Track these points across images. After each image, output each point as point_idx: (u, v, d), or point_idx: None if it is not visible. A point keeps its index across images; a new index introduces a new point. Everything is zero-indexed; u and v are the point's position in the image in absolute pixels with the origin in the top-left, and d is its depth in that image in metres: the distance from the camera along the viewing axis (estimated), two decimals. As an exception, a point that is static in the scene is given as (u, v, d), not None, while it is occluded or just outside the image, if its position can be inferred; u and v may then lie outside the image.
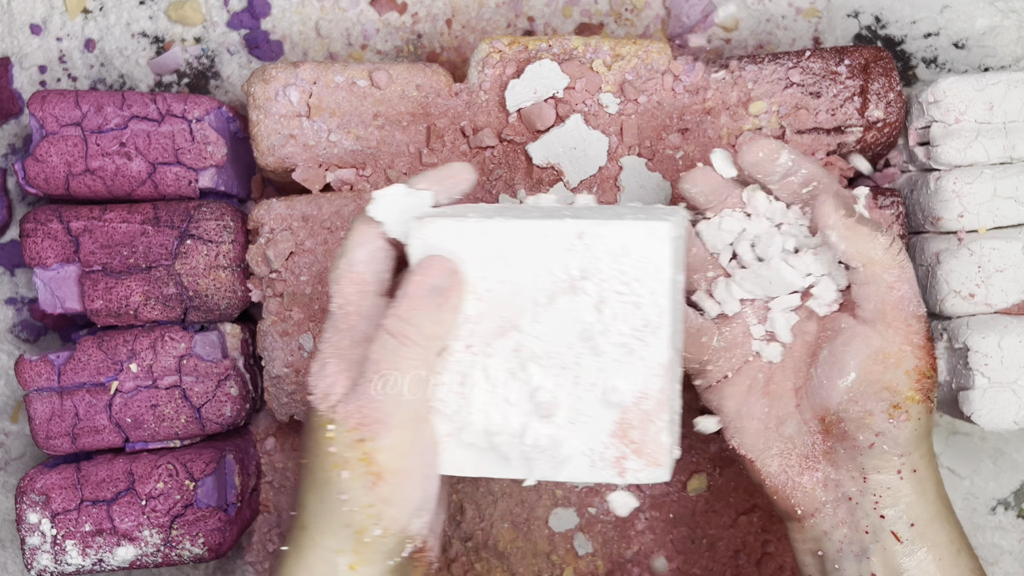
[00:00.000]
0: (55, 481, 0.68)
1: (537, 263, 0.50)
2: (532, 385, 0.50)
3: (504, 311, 0.50)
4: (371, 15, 0.79)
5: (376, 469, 0.49)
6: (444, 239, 0.50)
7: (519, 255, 0.50)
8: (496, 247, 0.50)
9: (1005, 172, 0.68)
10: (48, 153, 0.68)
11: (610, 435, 0.51)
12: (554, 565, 0.75)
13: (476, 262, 0.50)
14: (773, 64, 0.69)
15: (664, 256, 0.49)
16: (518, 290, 0.50)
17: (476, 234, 0.50)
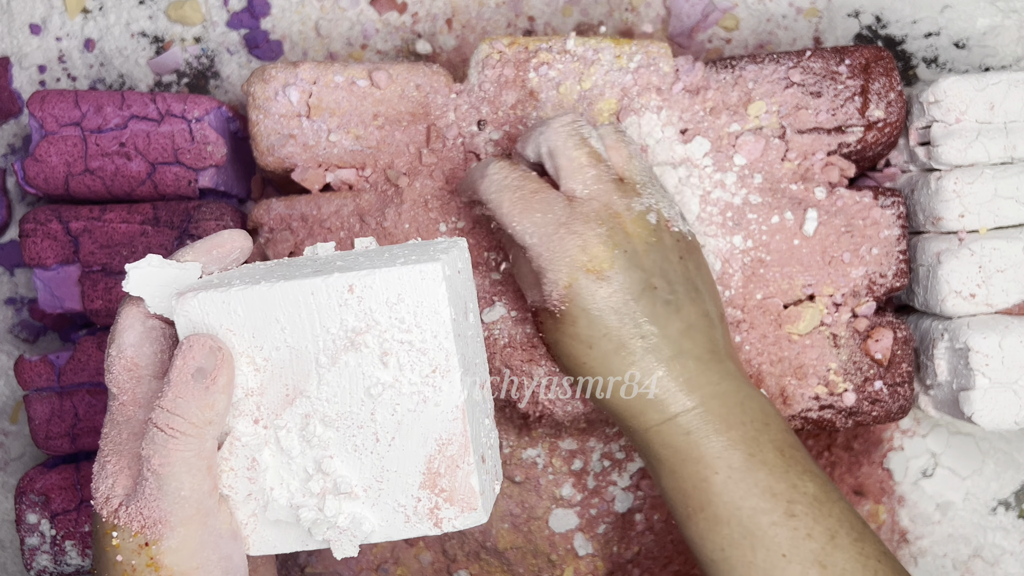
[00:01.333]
0: (54, 481, 0.68)
1: (312, 323, 0.48)
2: (327, 453, 0.49)
3: (287, 378, 0.48)
4: (371, 15, 0.79)
5: (167, 573, 0.46)
6: (209, 313, 0.48)
7: (292, 318, 0.48)
8: (266, 313, 0.48)
9: (1006, 172, 0.68)
10: (47, 153, 0.68)
11: (419, 487, 0.49)
12: (554, 565, 0.75)
13: (248, 332, 0.48)
14: (773, 64, 0.69)
15: (440, 297, 0.47)
16: (298, 354, 0.48)
17: (242, 303, 0.47)
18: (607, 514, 0.74)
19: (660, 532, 0.75)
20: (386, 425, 0.49)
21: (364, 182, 0.70)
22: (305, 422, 0.49)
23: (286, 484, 0.49)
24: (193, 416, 0.46)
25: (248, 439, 0.49)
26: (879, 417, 0.70)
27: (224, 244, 0.51)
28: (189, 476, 0.46)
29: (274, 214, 0.69)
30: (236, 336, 0.48)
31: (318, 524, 0.49)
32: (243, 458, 0.49)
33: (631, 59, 0.68)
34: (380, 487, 0.49)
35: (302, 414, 0.49)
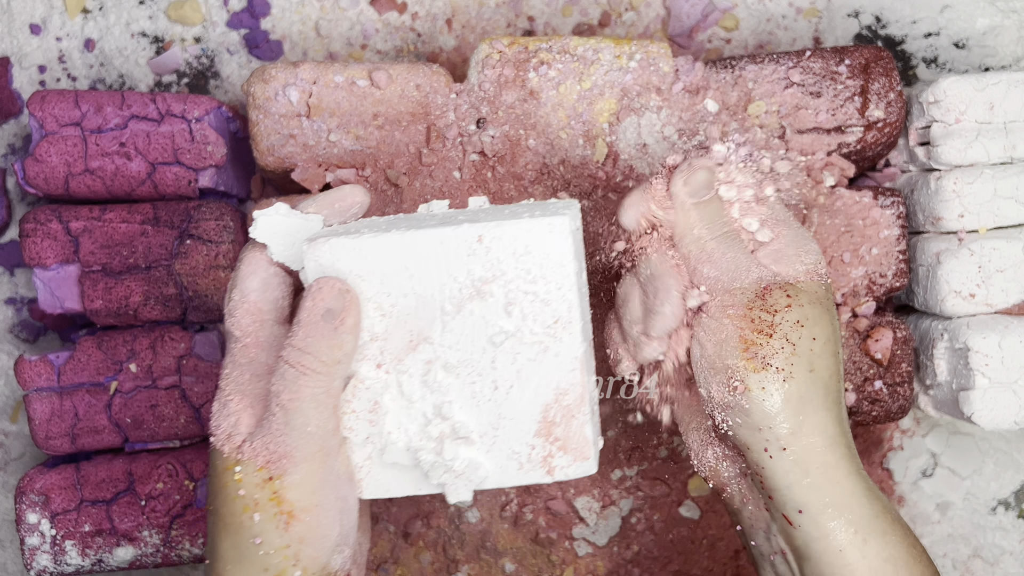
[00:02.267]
0: (55, 481, 0.68)
1: (440, 272, 0.49)
2: (447, 399, 0.50)
3: (412, 325, 0.50)
4: (371, 15, 0.79)
5: (288, 508, 0.47)
6: (339, 259, 0.49)
7: (420, 266, 0.49)
8: (395, 261, 0.49)
9: (1005, 172, 0.68)
10: (48, 153, 0.68)
11: (534, 435, 0.50)
12: (554, 565, 0.75)
13: (376, 278, 0.49)
14: (773, 64, 0.69)
15: (566, 250, 0.49)
16: (424, 302, 0.49)
17: (372, 250, 0.49)
18: (608, 515, 0.74)
19: (660, 532, 0.75)
20: (505, 373, 0.50)
21: (364, 182, 0.70)
22: (427, 368, 0.50)
23: (404, 428, 0.50)
24: (323, 355, 0.47)
25: (371, 383, 0.50)
26: (879, 417, 0.70)
27: (346, 198, 0.53)
28: (316, 413, 0.47)
29: (274, 214, 0.69)
30: (364, 282, 0.49)
31: (435, 468, 0.50)
32: (365, 401, 0.50)
33: (631, 59, 0.68)
34: (496, 434, 0.50)
35: (424, 360, 0.50)
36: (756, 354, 0.52)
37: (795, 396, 0.52)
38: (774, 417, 0.51)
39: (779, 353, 0.52)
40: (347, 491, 0.50)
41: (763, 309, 0.52)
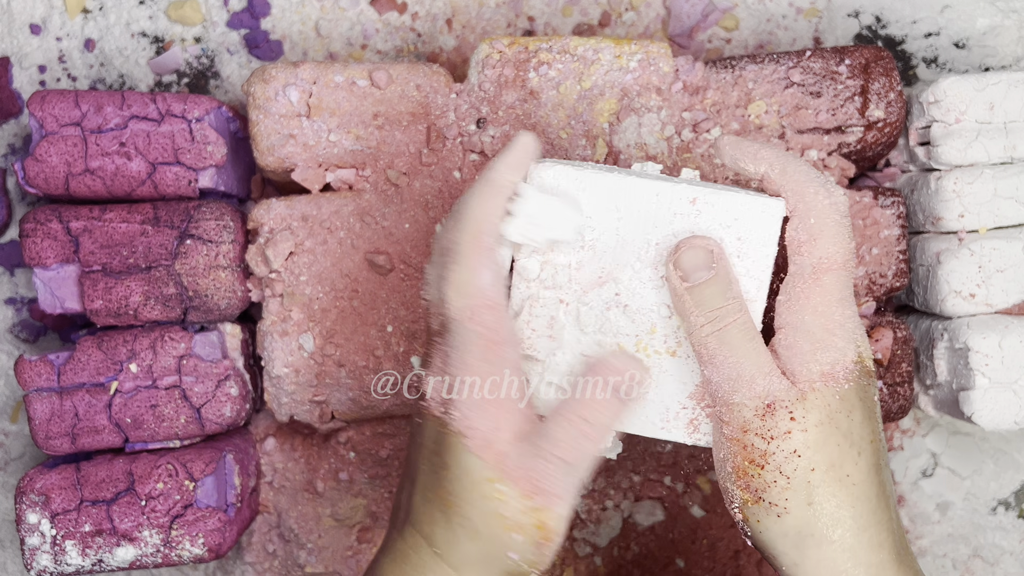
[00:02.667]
0: (55, 481, 0.68)
1: (646, 221, 0.51)
2: (615, 340, 0.52)
3: (606, 262, 0.52)
4: (371, 15, 0.79)
5: (547, 535, 0.49)
6: (560, 184, 0.51)
7: (630, 211, 0.51)
8: (609, 200, 0.51)
9: (1006, 172, 0.68)
10: (48, 153, 0.68)
11: (687, 396, 0.52)
12: (554, 565, 0.75)
13: (588, 210, 0.51)
14: (773, 64, 0.69)
15: (773, 233, 0.50)
16: (623, 244, 0.51)
17: (592, 184, 0.51)
18: (608, 515, 0.74)
19: (660, 532, 0.75)
20: (677, 333, 0.52)
21: (364, 182, 0.70)
22: (607, 305, 0.52)
23: (573, 352, 0.52)
24: (609, 425, 0.50)
25: (545, 304, 0.52)
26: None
27: (526, 148, 0.52)
28: (590, 466, 0.50)
29: (274, 214, 0.69)
30: (574, 210, 0.51)
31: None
32: (544, 319, 0.52)
33: (631, 59, 0.68)
34: (652, 385, 0.52)
35: (606, 297, 0.52)
36: (748, 485, 0.49)
37: (792, 531, 0.49)
38: (774, 548, 0.50)
39: (771, 487, 0.48)
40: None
41: (759, 434, 0.48)
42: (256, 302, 0.72)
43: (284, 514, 0.76)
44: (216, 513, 0.69)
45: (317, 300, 0.69)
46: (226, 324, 0.71)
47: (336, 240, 0.69)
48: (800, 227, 0.50)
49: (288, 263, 0.69)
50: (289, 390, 0.70)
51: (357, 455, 0.75)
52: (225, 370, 0.69)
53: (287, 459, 0.76)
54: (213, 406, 0.69)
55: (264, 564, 0.77)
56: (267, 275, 0.69)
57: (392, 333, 0.69)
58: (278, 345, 0.69)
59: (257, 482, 0.76)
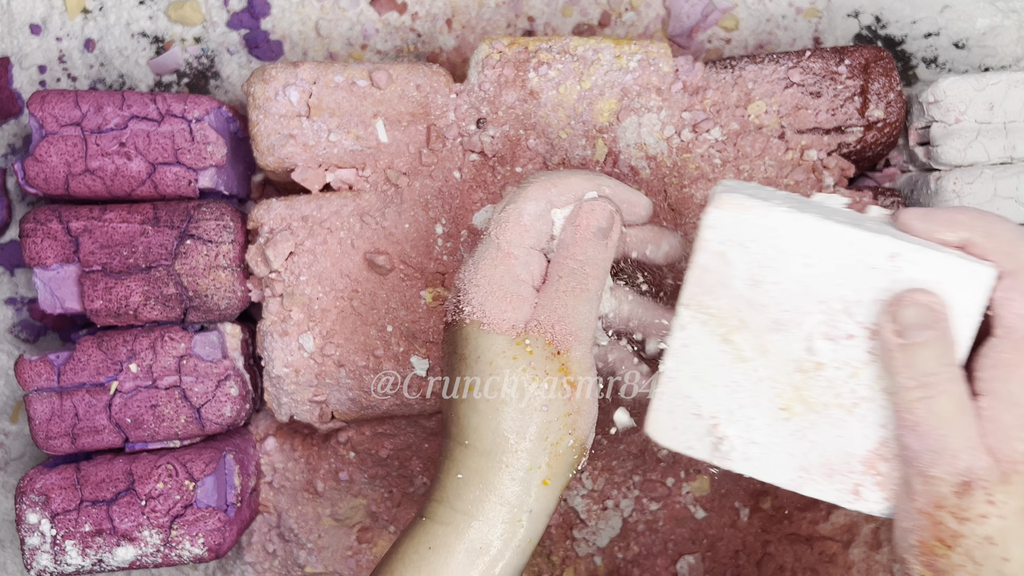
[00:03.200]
0: (55, 481, 0.68)
1: (838, 271, 0.47)
2: (781, 392, 0.49)
3: (782, 308, 0.49)
4: (371, 15, 0.79)
5: (572, 379, 0.51)
6: (743, 217, 0.49)
7: (819, 258, 0.48)
8: (796, 243, 0.48)
9: (1005, 172, 0.68)
10: (48, 153, 0.68)
11: (859, 460, 0.49)
12: (554, 565, 0.75)
13: (766, 249, 0.48)
14: (773, 64, 0.69)
15: (979, 300, 0.46)
16: (806, 293, 0.48)
17: (779, 223, 0.48)
18: (608, 515, 0.74)
19: (660, 533, 0.75)
20: (859, 390, 0.48)
21: (364, 182, 0.70)
22: (780, 357, 0.49)
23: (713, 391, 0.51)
24: (596, 266, 0.53)
25: (699, 339, 0.51)
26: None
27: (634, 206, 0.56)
28: (593, 308, 0.53)
29: (274, 214, 0.69)
30: (748, 250, 0.49)
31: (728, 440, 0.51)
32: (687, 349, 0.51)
33: (631, 59, 0.68)
34: (817, 437, 0.49)
35: (782, 348, 0.49)
36: (933, 563, 0.46)
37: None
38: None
39: (957, 570, 0.45)
40: (597, 383, 0.54)
41: (952, 512, 0.45)
42: (256, 302, 0.72)
43: (284, 514, 0.76)
44: (216, 513, 0.69)
45: (317, 300, 0.69)
46: (226, 324, 0.71)
47: (336, 240, 0.69)
48: (1012, 288, 0.46)
49: (288, 263, 0.69)
50: (289, 390, 0.70)
51: (357, 455, 0.75)
52: (225, 370, 0.69)
53: (287, 459, 0.76)
54: (213, 406, 0.69)
55: (264, 564, 0.77)
56: (267, 275, 0.69)
57: (392, 333, 0.69)
58: (278, 345, 0.69)
59: (257, 482, 0.76)
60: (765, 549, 0.75)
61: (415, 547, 0.51)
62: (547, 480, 0.51)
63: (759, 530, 0.75)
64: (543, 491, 0.51)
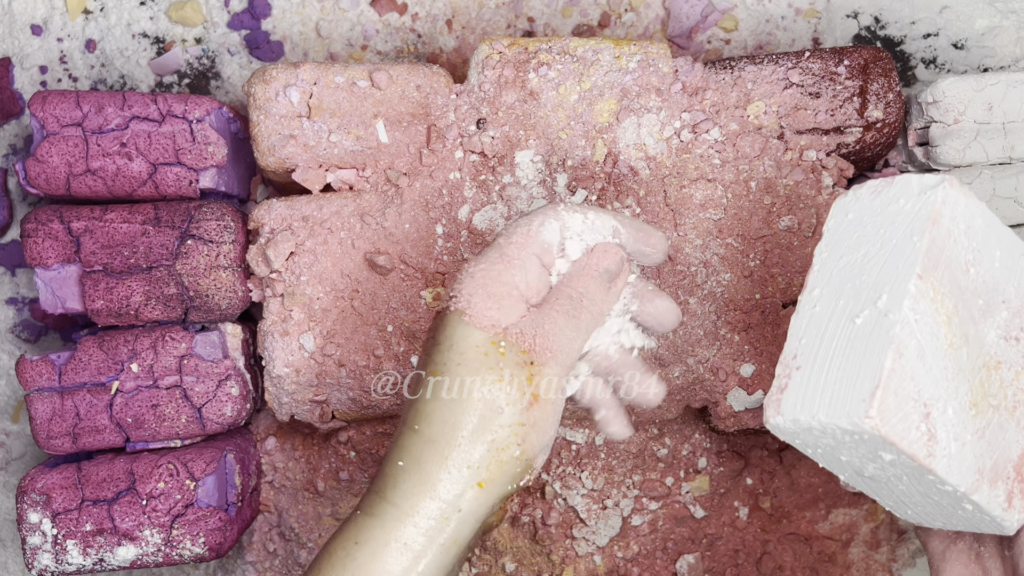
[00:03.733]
0: (56, 481, 0.69)
1: (1021, 273, 0.50)
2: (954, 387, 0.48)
3: (982, 300, 0.49)
4: (371, 16, 0.79)
5: (536, 392, 0.51)
6: (969, 210, 0.50)
7: (1012, 258, 0.50)
8: (998, 240, 0.50)
9: (1004, 172, 0.68)
10: (49, 153, 0.69)
11: (1013, 466, 0.48)
12: (554, 564, 0.75)
13: (980, 244, 0.50)
14: (772, 65, 0.69)
15: None
16: (997, 289, 0.49)
17: (989, 219, 0.50)
18: (608, 515, 0.75)
19: (660, 532, 0.75)
20: (1020, 395, 0.49)
21: (364, 182, 0.70)
22: (976, 345, 0.49)
23: (934, 375, 0.48)
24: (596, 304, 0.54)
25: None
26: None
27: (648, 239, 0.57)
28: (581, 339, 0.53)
29: (275, 214, 0.69)
30: (967, 236, 0.49)
31: (936, 433, 0.48)
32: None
33: (630, 60, 0.68)
34: (991, 443, 0.48)
35: (977, 338, 0.49)
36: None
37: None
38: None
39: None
40: (560, 409, 0.54)
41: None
42: (257, 302, 0.72)
43: (285, 513, 0.76)
44: (217, 512, 0.69)
45: (317, 300, 0.69)
46: (227, 324, 0.72)
47: (336, 240, 0.69)
48: None
49: (288, 263, 0.69)
50: (290, 390, 0.70)
51: (357, 455, 0.75)
52: (226, 370, 0.70)
53: (288, 459, 0.76)
54: (214, 406, 0.69)
55: (265, 563, 0.77)
56: (268, 275, 0.69)
57: (392, 333, 0.69)
58: (279, 345, 0.69)
59: (258, 481, 0.76)
60: (764, 548, 0.75)
61: (343, 543, 0.51)
62: (483, 484, 0.50)
63: (758, 529, 0.75)
64: (477, 493, 0.50)
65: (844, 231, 0.52)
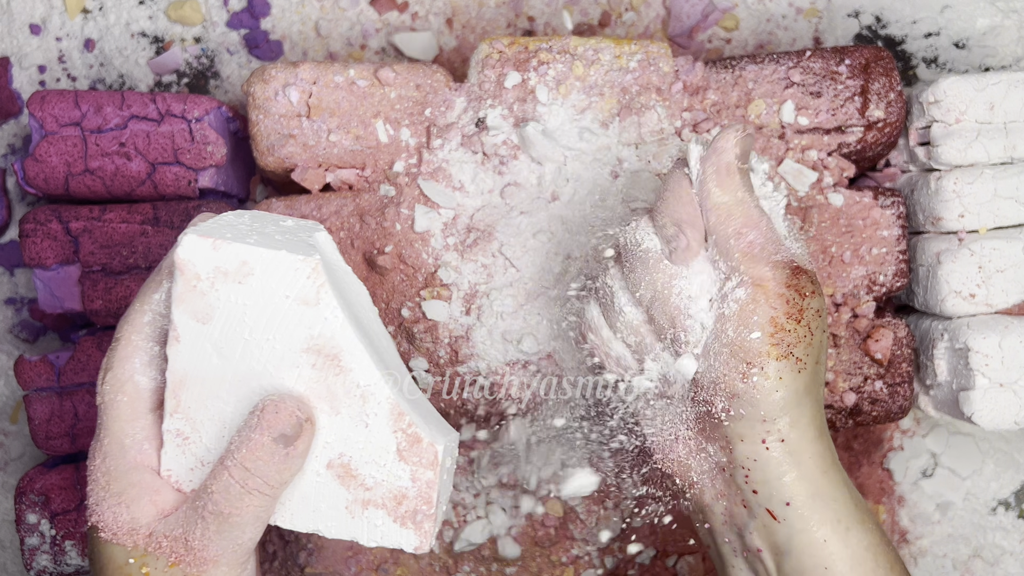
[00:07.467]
0: (54, 481, 0.68)
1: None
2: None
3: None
4: (371, 15, 0.79)
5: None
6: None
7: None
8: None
9: (1006, 172, 0.68)
10: (47, 153, 0.68)
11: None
12: (554, 565, 0.75)
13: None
14: (773, 64, 0.69)
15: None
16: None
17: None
18: (608, 515, 0.74)
19: (660, 533, 0.75)
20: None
21: (364, 182, 0.70)
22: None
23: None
24: (271, 478, 0.46)
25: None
26: (879, 417, 0.70)
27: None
28: (253, 528, 0.46)
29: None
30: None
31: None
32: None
33: (631, 59, 0.68)
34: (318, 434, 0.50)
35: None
36: (782, 340, 0.49)
37: (802, 387, 0.50)
38: (781, 408, 0.49)
39: (801, 342, 0.49)
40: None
41: (796, 290, 0.49)
42: (256, 302, 0.72)
43: (284, 514, 0.76)
44: (216, 513, 0.69)
45: (317, 300, 0.69)
46: (226, 324, 0.71)
47: (336, 240, 0.69)
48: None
49: (288, 263, 0.69)
50: (289, 390, 0.70)
51: (357, 455, 0.75)
52: (225, 370, 0.69)
53: (287, 459, 0.76)
54: (213, 406, 0.69)
55: (264, 564, 0.77)
56: (267, 275, 0.69)
57: (392, 334, 0.69)
58: (278, 345, 0.69)
59: (257, 482, 0.76)
60: (765, 549, 0.75)
61: None
62: None
63: (759, 530, 0.75)
64: None
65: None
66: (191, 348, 0.47)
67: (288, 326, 0.47)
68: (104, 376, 0.48)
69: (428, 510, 0.49)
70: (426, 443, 0.48)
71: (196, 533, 0.45)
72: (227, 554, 0.46)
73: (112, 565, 0.46)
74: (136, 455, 0.47)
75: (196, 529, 0.45)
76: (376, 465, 0.48)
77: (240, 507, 0.45)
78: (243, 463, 0.45)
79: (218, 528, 0.45)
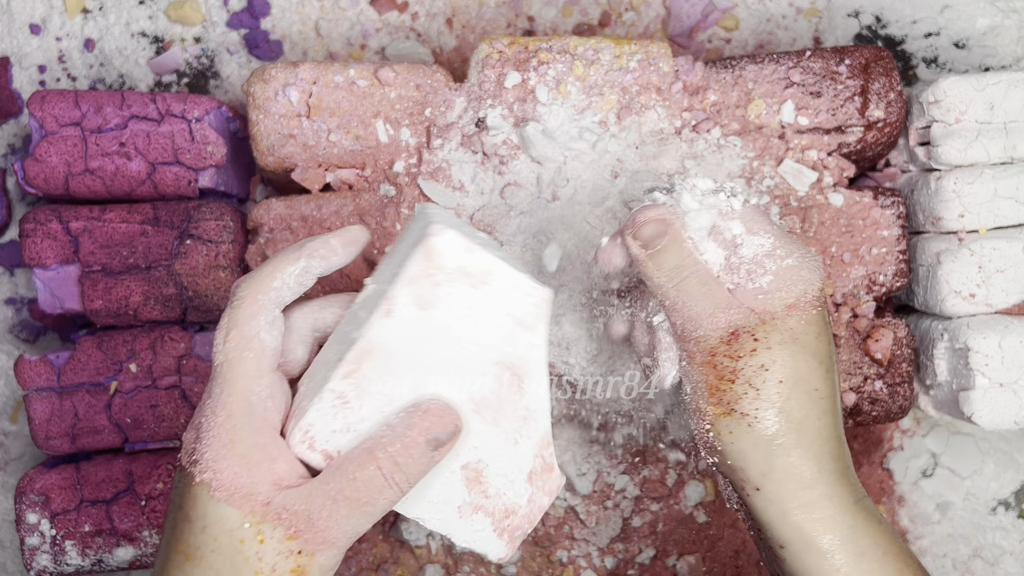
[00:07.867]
0: (54, 481, 0.68)
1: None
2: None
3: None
4: (371, 15, 0.79)
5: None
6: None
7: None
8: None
9: (1006, 172, 0.68)
10: (47, 153, 0.68)
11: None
12: (554, 565, 0.75)
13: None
14: (773, 64, 0.69)
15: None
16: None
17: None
18: (608, 515, 0.74)
19: (660, 533, 0.75)
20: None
21: (364, 182, 0.70)
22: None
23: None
24: (413, 476, 0.47)
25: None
26: (879, 417, 0.70)
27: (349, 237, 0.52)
28: (377, 518, 0.47)
29: (274, 214, 0.69)
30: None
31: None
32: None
33: (631, 59, 0.68)
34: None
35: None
36: (721, 399, 0.52)
37: (763, 440, 0.51)
38: (745, 459, 0.51)
39: (742, 399, 0.51)
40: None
41: (727, 355, 0.52)
42: (256, 302, 0.72)
43: (284, 514, 0.76)
44: (216, 513, 0.69)
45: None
46: (226, 324, 0.71)
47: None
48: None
49: (288, 263, 0.69)
50: (289, 390, 0.70)
51: (357, 455, 0.75)
52: (225, 370, 0.69)
53: (287, 459, 0.76)
54: (213, 406, 0.69)
55: (264, 564, 0.77)
56: (267, 275, 0.69)
57: (392, 333, 0.69)
58: (278, 345, 0.69)
59: (257, 482, 0.76)
60: (765, 549, 0.75)
61: None
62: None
63: (759, 530, 0.75)
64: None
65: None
66: (398, 326, 0.48)
67: (496, 339, 0.49)
68: (228, 333, 0.48)
69: (527, 529, 0.52)
70: (556, 473, 0.52)
71: (323, 514, 0.46)
72: (345, 538, 0.46)
73: (221, 526, 0.45)
74: (263, 412, 0.47)
75: (324, 510, 0.46)
76: (506, 480, 0.51)
77: (377, 498, 0.46)
78: (395, 457, 0.46)
79: (348, 513, 0.46)
